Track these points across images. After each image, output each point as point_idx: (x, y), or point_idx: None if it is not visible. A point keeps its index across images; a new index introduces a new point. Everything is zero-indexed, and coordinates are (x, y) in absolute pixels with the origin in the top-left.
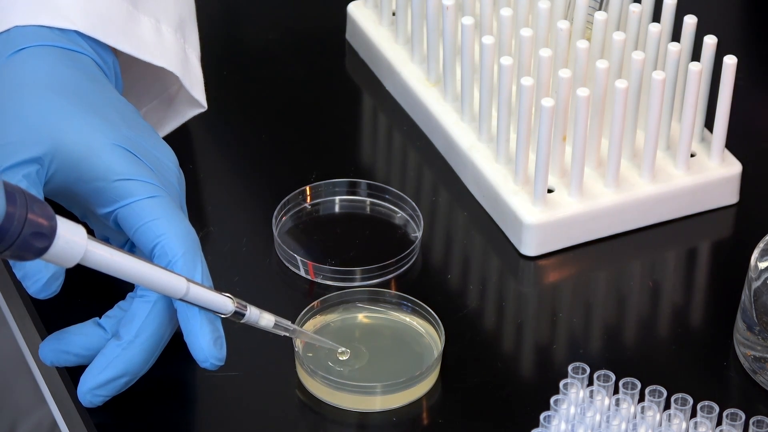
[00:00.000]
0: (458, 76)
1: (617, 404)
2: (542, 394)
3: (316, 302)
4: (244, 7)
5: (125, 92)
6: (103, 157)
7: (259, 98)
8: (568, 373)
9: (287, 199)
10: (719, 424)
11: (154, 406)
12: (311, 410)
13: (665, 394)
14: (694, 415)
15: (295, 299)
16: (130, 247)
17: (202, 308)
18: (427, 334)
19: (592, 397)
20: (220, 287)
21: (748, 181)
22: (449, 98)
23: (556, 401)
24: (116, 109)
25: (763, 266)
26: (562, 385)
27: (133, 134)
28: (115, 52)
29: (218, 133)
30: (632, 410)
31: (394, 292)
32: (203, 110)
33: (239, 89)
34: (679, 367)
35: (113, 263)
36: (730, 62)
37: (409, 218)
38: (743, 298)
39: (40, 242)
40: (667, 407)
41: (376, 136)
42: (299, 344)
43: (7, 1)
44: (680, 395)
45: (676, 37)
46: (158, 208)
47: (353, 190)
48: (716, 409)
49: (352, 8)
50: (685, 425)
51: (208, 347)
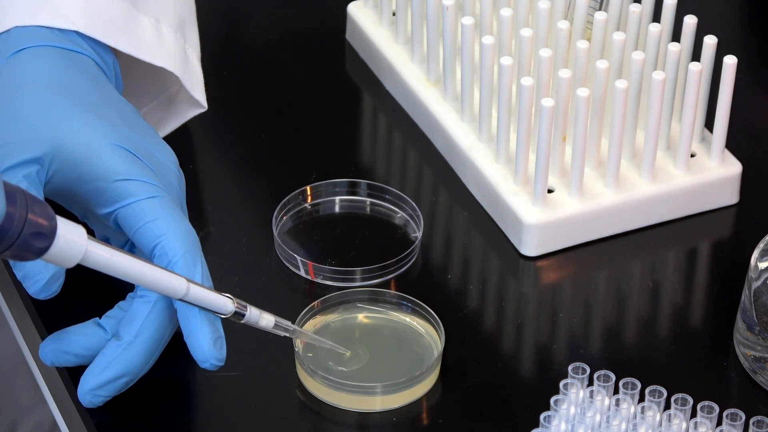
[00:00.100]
0: (458, 76)
1: (617, 404)
2: (542, 394)
3: (316, 302)
4: (244, 7)
5: (125, 92)
6: (103, 157)
7: (259, 98)
8: (568, 373)
9: (287, 199)
10: (719, 424)
11: (154, 406)
12: (311, 410)
13: (665, 394)
14: (694, 415)
15: (295, 299)
16: (130, 247)
17: (202, 308)
18: (427, 334)
19: (592, 397)
20: (220, 287)
21: (748, 181)
22: (449, 98)
23: (556, 401)
24: (116, 109)
25: (763, 266)
26: (562, 385)
27: (133, 134)
28: (115, 52)
29: (218, 133)
30: (632, 410)
31: (394, 292)
32: (203, 110)
33: (239, 89)
34: (679, 367)
35: (113, 263)
36: (730, 62)
37: (409, 218)
38: (743, 298)
39: (40, 242)
40: (667, 407)
41: (376, 136)
42: (299, 344)
43: (7, 1)
44: (680, 395)
45: (676, 37)
46: (158, 208)
47: (353, 190)
48: (716, 409)
49: (352, 8)
50: (685, 425)
51: (208, 347)
